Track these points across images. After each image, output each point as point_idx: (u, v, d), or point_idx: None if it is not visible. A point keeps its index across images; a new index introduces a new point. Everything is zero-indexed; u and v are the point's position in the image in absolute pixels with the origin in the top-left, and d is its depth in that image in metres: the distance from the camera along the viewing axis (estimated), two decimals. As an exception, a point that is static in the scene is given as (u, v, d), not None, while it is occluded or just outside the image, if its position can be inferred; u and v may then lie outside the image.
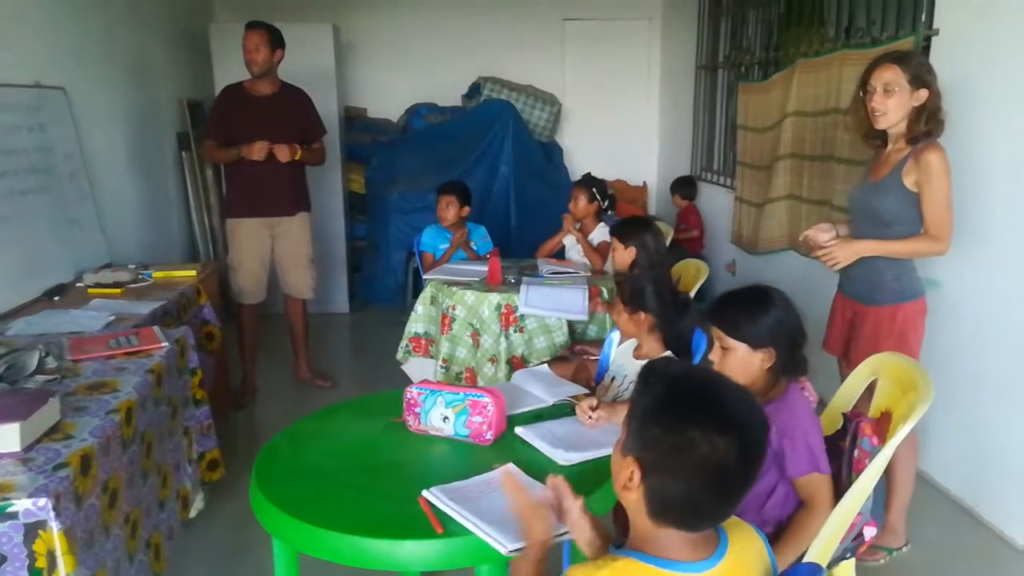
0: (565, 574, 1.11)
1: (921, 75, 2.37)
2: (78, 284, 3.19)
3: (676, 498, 1.06)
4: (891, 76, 2.39)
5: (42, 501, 1.52)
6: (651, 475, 1.07)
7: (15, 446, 1.69)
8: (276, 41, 3.80)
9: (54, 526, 1.54)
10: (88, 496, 1.71)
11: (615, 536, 1.94)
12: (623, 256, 3.17)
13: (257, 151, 3.69)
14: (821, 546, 1.67)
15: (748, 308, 1.81)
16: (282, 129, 3.81)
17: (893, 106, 2.40)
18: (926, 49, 3.09)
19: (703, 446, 1.02)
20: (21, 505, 1.52)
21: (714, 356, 1.85)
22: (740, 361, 1.79)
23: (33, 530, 1.53)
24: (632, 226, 3.27)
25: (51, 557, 1.54)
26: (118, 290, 3.10)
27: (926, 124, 2.39)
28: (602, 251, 3.78)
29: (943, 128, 2.42)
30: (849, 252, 2.49)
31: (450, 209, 4.00)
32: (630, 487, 1.09)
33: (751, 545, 1.16)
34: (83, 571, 1.60)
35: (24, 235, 2.98)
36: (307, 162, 3.96)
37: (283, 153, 3.74)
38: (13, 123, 3.02)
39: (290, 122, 3.88)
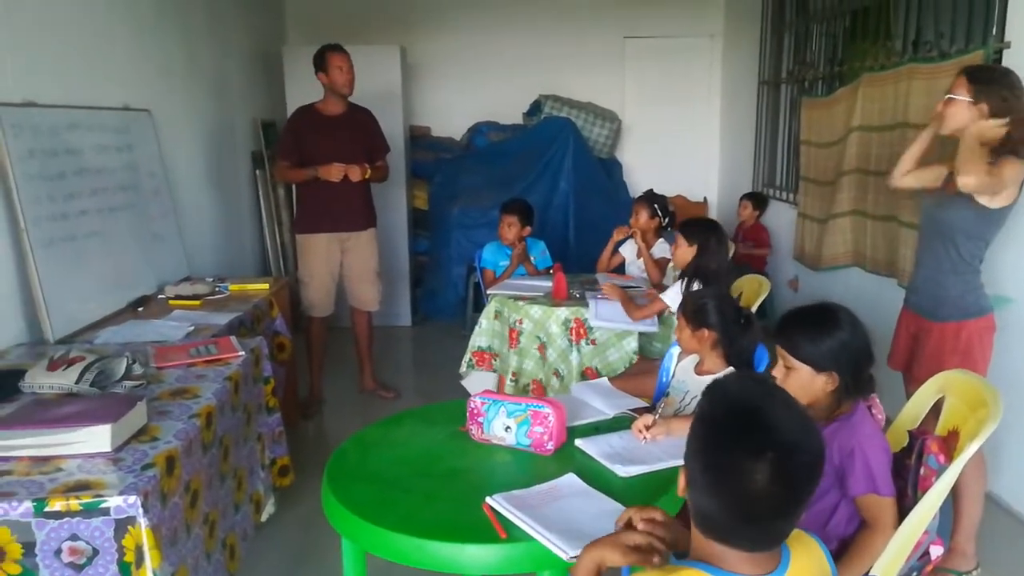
0: None
1: (988, 88, 2.34)
2: (159, 296, 3.36)
3: (711, 514, 1.08)
4: (955, 85, 2.41)
5: (132, 498, 1.62)
6: (692, 487, 1.11)
7: (106, 446, 1.80)
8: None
9: (142, 522, 1.63)
10: (172, 495, 1.82)
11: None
12: (684, 253, 3.16)
13: (335, 173, 3.85)
14: (886, 564, 1.65)
15: (813, 329, 1.79)
16: (350, 147, 3.96)
17: (950, 114, 2.40)
18: (997, 63, 3.02)
19: (744, 467, 1.03)
20: (113, 502, 1.62)
21: (777, 373, 1.84)
22: (802, 382, 1.79)
23: (123, 526, 1.63)
24: (698, 225, 3.27)
25: (139, 552, 1.64)
26: (197, 302, 3.25)
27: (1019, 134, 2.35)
28: (662, 266, 3.80)
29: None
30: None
31: (512, 229, 4.07)
32: (682, 495, 1.14)
33: (813, 560, 1.16)
34: (167, 567, 1.69)
35: (112, 249, 3.16)
36: (373, 179, 4.09)
37: (355, 174, 3.89)
38: (104, 143, 3.22)
39: (358, 140, 4.03)
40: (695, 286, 2.99)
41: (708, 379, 2.29)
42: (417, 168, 6.10)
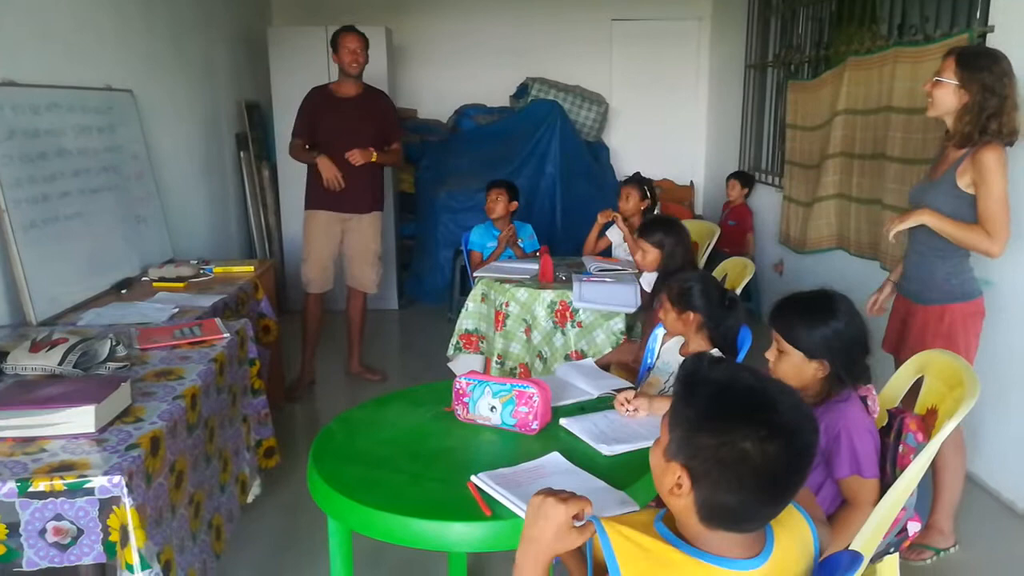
0: (611, 521, 1.12)
1: (972, 75, 2.35)
2: (143, 278, 3.34)
3: (727, 506, 1.05)
4: (943, 67, 2.40)
5: (116, 478, 1.62)
6: (701, 484, 1.05)
7: (90, 427, 1.80)
8: (367, 46, 4.02)
9: (127, 502, 1.63)
10: (157, 476, 1.82)
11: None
12: (652, 258, 3.04)
13: (327, 170, 3.89)
14: (865, 539, 1.68)
15: (808, 316, 1.79)
16: (364, 129, 3.99)
17: (937, 96, 2.40)
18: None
19: (755, 457, 1.01)
20: (97, 482, 1.62)
21: (770, 355, 1.85)
22: (794, 366, 1.80)
23: (108, 506, 1.63)
24: (656, 227, 3.10)
25: (124, 532, 1.63)
26: (181, 284, 3.24)
27: (967, 126, 2.36)
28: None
29: (1010, 136, 2.36)
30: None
31: (499, 202, 4.09)
32: (678, 494, 1.08)
33: (796, 533, 1.17)
34: (152, 546, 1.69)
35: (95, 231, 3.14)
36: (385, 162, 4.11)
37: (355, 158, 3.91)
38: (86, 124, 3.18)
39: (371, 123, 4.05)
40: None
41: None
42: (404, 151, 6.05)
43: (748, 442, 1.01)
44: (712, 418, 1.05)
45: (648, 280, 3.13)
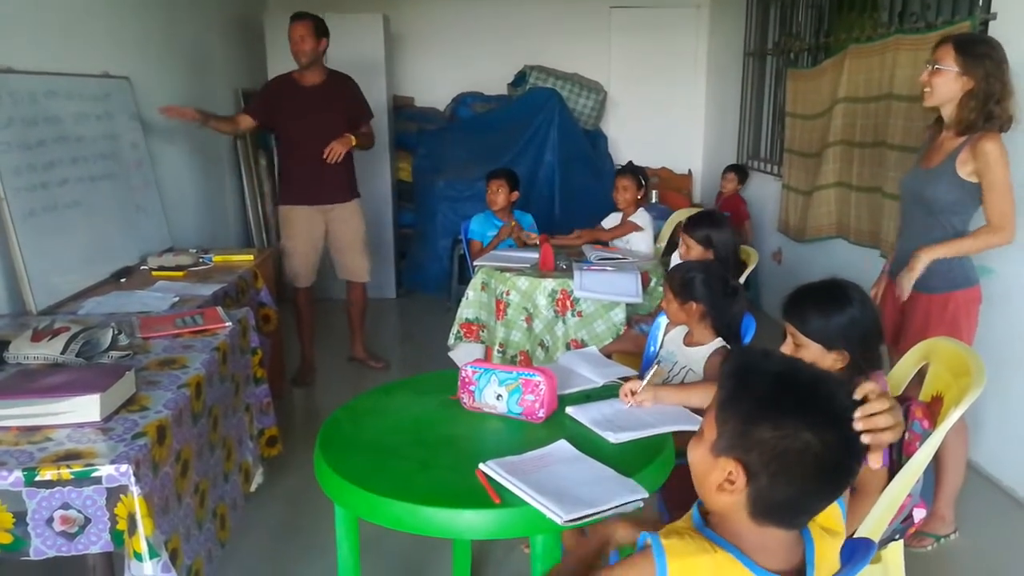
0: (664, 532, 1.10)
1: (975, 62, 2.34)
2: (142, 267, 3.32)
3: (787, 500, 1.03)
4: (942, 55, 2.39)
5: (124, 467, 1.61)
6: (759, 478, 1.03)
7: (95, 416, 1.79)
8: (320, 31, 3.89)
9: (135, 491, 1.62)
10: (163, 465, 1.81)
11: (661, 517, 1.99)
12: (700, 256, 2.95)
13: (337, 151, 3.86)
14: (871, 525, 1.69)
15: (823, 307, 1.77)
16: (329, 116, 3.91)
17: (937, 85, 2.39)
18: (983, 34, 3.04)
19: (816, 446, 1.00)
20: (104, 471, 1.61)
21: (786, 349, 1.82)
22: (812, 359, 1.76)
23: (115, 495, 1.63)
24: (703, 224, 3.00)
25: (132, 520, 1.63)
26: (181, 273, 3.22)
27: (972, 113, 2.36)
28: (627, 230, 3.95)
29: (1007, 122, 2.36)
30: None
31: (500, 193, 4.06)
32: (728, 490, 1.05)
33: (833, 523, 1.15)
34: (159, 535, 1.69)
35: (94, 220, 3.11)
36: (359, 146, 4.03)
37: (337, 150, 3.84)
38: (83, 111, 3.15)
39: (337, 109, 3.97)
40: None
41: (696, 350, 2.32)
42: (400, 139, 6.05)
43: (809, 432, 1.00)
44: (771, 409, 1.03)
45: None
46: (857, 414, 1.08)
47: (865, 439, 1.09)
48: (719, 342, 2.30)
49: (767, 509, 1.05)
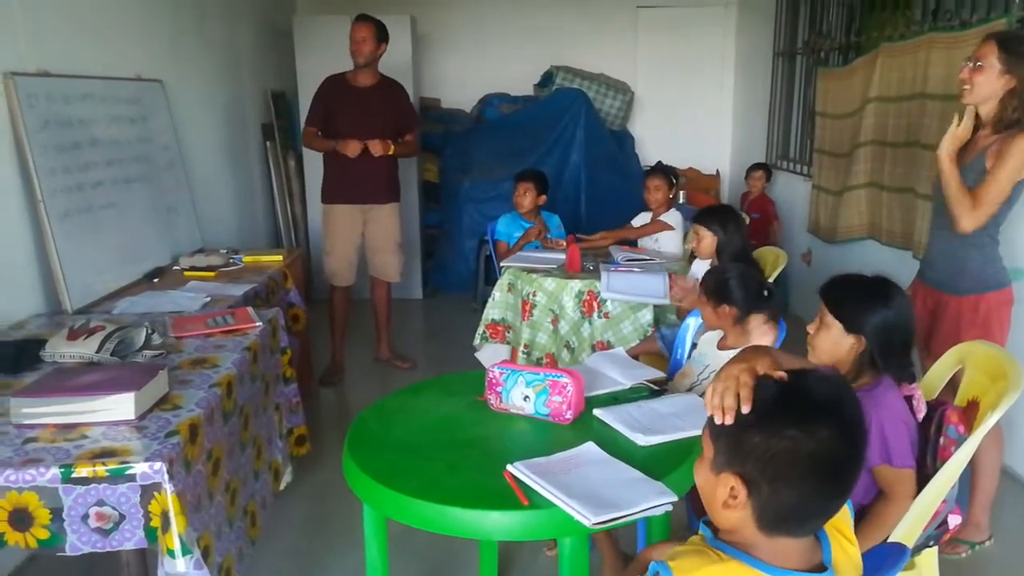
0: (670, 555, 1.08)
1: (1020, 60, 2.30)
2: (174, 267, 3.37)
3: (791, 504, 1.02)
4: (984, 52, 2.35)
5: (157, 465, 1.64)
6: (759, 487, 1.02)
7: (130, 414, 1.82)
8: (382, 35, 3.98)
9: (168, 488, 1.64)
10: (195, 463, 1.83)
11: (689, 523, 1.97)
12: (709, 244, 3.06)
13: (352, 148, 3.86)
14: (905, 531, 1.67)
15: (860, 292, 1.81)
16: (378, 120, 3.97)
17: (979, 82, 2.35)
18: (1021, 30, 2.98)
19: (807, 443, 0.99)
20: (138, 468, 1.63)
21: (811, 328, 1.87)
22: (831, 339, 1.82)
23: (149, 492, 1.65)
24: (714, 213, 3.14)
25: (165, 518, 1.65)
26: (212, 273, 3.26)
27: (1016, 111, 2.32)
28: (657, 229, 3.97)
29: None
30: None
31: (527, 196, 4.06)
32: (733, 505, 1.04)
33: (846, 530, 1.15)
34: (192, 532, 1.71)
35: (128, 221, 3.17)
36: (400, 154, 4.09)
37: (376, 148, 3.89)
38: (118, 114, 3.21)
39: (386, 114, 4.03)
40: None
41: (729, 354, 2.29)
42: (427, 141, 6.06)
43: (795, 428, 1.00)
44: (754, 414, 1.04)
45: (701, 268, 3.09)
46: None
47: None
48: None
49: (774, 519, 1.04)
